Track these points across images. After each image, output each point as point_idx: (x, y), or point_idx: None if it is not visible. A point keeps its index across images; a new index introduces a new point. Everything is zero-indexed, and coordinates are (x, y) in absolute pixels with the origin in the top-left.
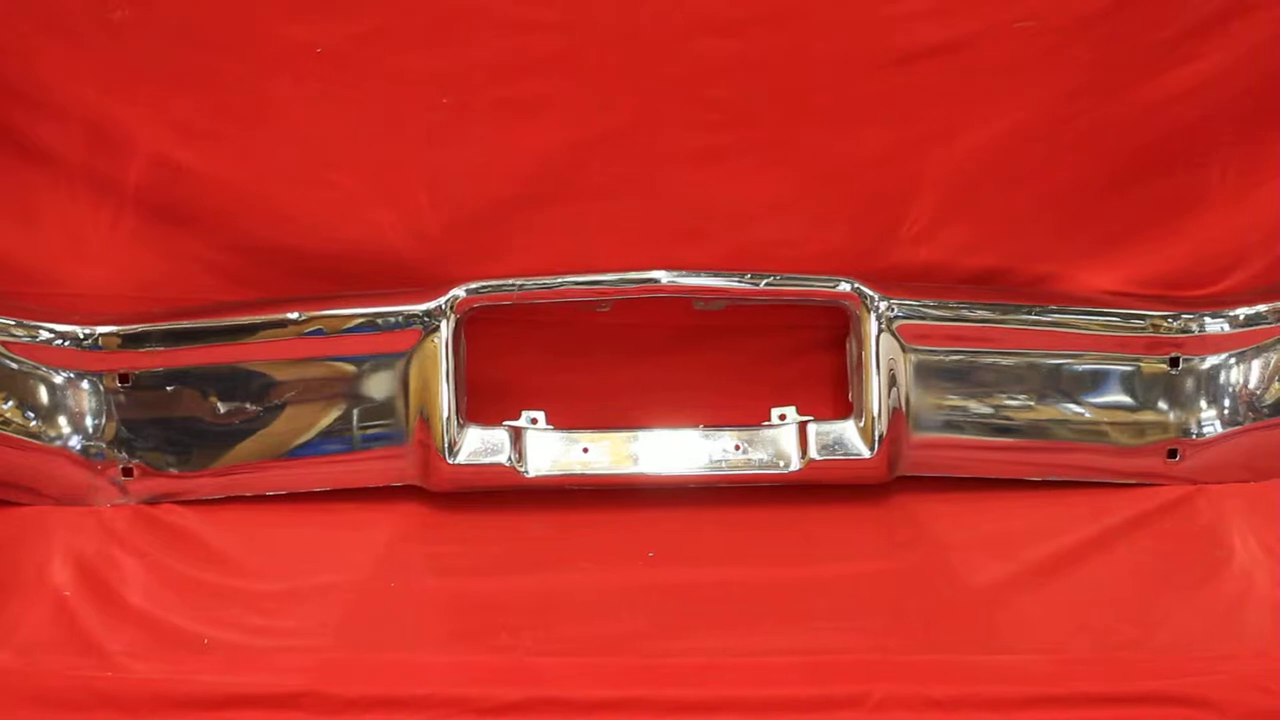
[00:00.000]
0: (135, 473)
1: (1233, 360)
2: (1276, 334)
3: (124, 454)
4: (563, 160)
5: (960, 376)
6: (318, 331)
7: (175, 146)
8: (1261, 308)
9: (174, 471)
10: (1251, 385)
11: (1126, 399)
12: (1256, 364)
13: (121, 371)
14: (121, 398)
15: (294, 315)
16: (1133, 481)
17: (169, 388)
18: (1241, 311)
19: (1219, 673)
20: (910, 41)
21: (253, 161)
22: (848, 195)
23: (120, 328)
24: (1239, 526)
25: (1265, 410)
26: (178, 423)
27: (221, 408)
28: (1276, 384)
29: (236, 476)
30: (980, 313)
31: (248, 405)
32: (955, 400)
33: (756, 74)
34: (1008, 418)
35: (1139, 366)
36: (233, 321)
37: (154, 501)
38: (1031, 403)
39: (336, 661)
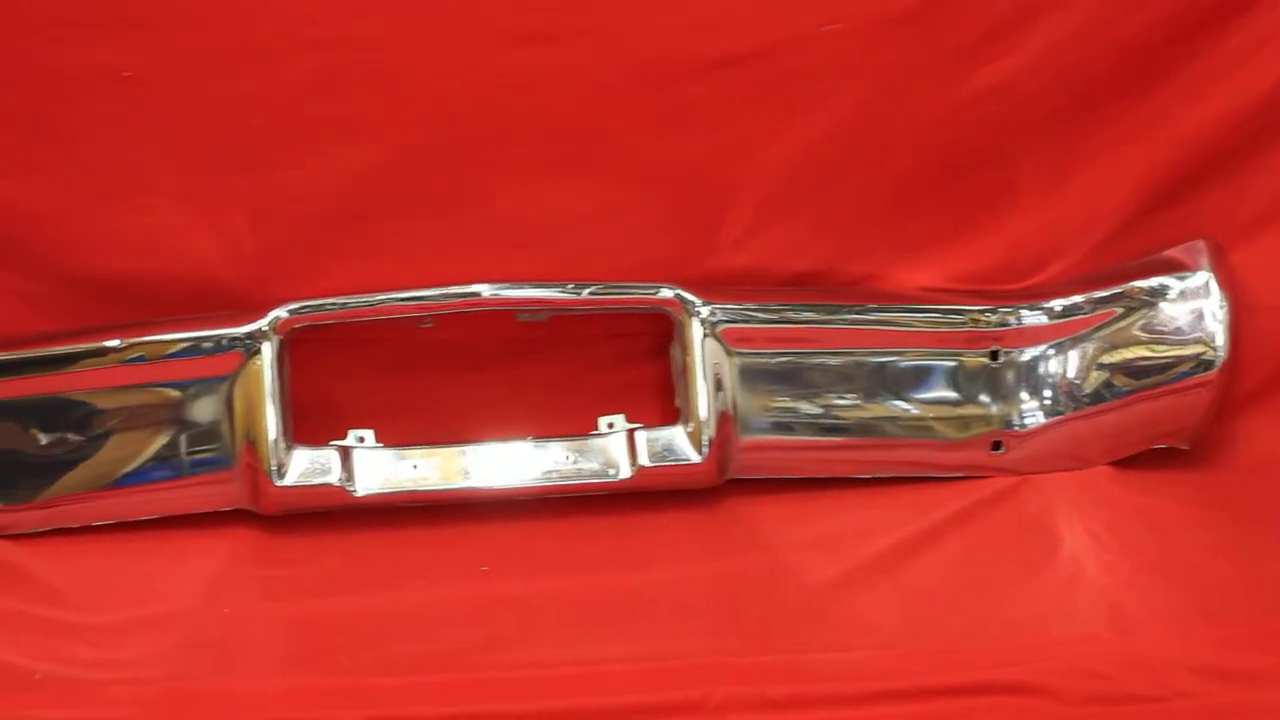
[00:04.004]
0: None
1: (1051, 351)
2: (1093, 324)
3: None
4: (380, 177)
5: (786, 378)
6: (139, 358)
7: None
8: (1077, 298)
9: None
10: (1071, 375)
11: (950, 394)
12: (1074, 354)
13: None
14: None
15: (114, 343)
16: (959, 475)
17: None
18: (1058, 303)
19: (1051, 659)
20: (721, 49)
21: (64, 191)
22: (667, 203)
23: None
24: (1065, 514)
25: (1085, 399)
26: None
27: (44, 439)
28: (1095, 373)
29: (62, 508)
30: (804, 314)
31: (71, 436)
32: (782, 402)
33: (569, 84)
34: (835, 417)
35: (961, 361)
36: (52, 352)
37: None
38: (858, 401)
39: (172, 692)
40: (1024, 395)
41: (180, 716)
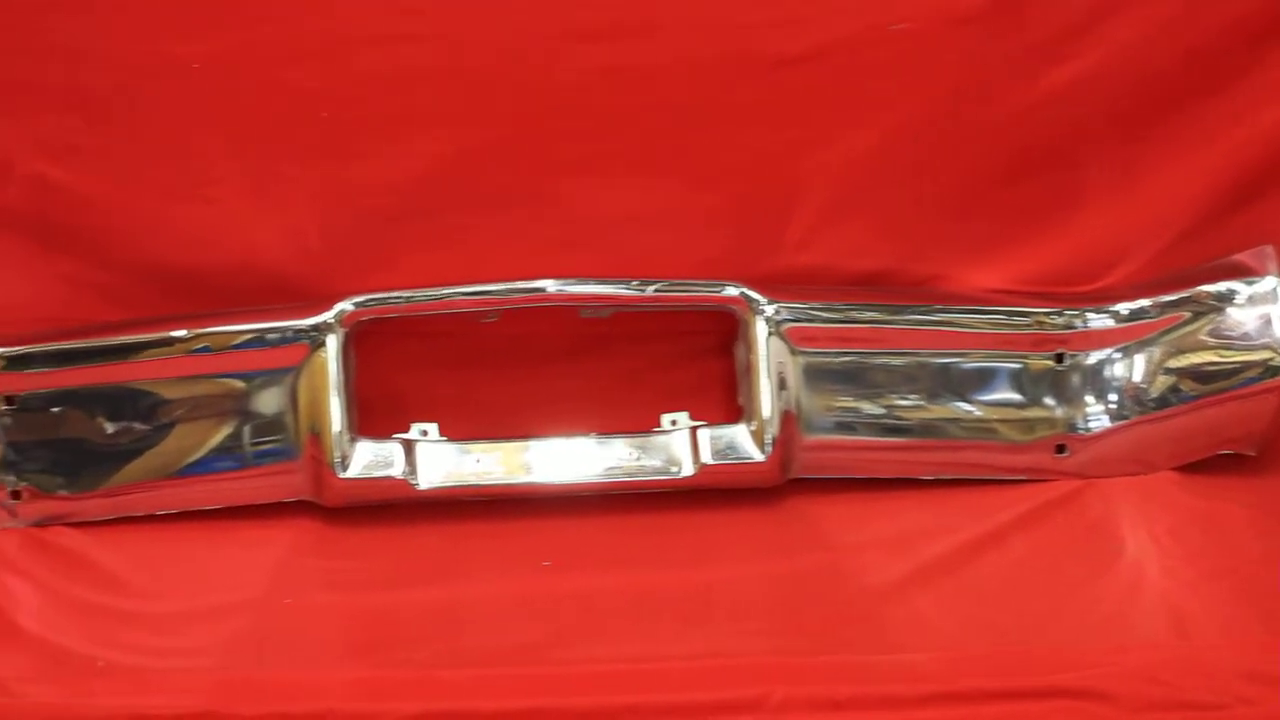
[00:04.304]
0: (24, 495)
1: (1117, 355)
2: (1160, 328)
3: (12, 477)
4: (445, 171)
5: (850, 378)
6: (204, 349)
7: (51, 165)
8: (1144, 302)
9: (63, 493)
10: (1137, 379)
11: (1014, 396)
12: (1140, 358)
13: (7, 394)
14: (8, 420)
15: (180, 333)
16: (1022, 478)
17: (55, 409)
18: (1124, 306)
19: (1112, 664)
20: (788, 47)
21: (131, 178)
22: (732, 201)
23: (3, 349)
24: (1128, 519)
25: (1151, 404)
26: (66, 444)
27: (109, 428)
28: (1161, 378)
29: (127, 497)
30: (868, 314)
31: (136, 425)
32: (846, 401)
33: (635, 81)
34: (898, 418)
35: (1025, 363)
36: (118, 341)
37: (44, 524)
38: (921, 402)
39: (234, 681)
40: (1089, 399)
41: (241, 705)
